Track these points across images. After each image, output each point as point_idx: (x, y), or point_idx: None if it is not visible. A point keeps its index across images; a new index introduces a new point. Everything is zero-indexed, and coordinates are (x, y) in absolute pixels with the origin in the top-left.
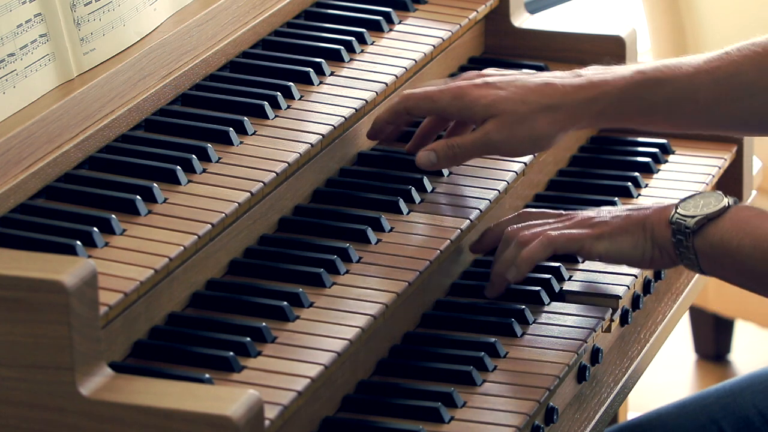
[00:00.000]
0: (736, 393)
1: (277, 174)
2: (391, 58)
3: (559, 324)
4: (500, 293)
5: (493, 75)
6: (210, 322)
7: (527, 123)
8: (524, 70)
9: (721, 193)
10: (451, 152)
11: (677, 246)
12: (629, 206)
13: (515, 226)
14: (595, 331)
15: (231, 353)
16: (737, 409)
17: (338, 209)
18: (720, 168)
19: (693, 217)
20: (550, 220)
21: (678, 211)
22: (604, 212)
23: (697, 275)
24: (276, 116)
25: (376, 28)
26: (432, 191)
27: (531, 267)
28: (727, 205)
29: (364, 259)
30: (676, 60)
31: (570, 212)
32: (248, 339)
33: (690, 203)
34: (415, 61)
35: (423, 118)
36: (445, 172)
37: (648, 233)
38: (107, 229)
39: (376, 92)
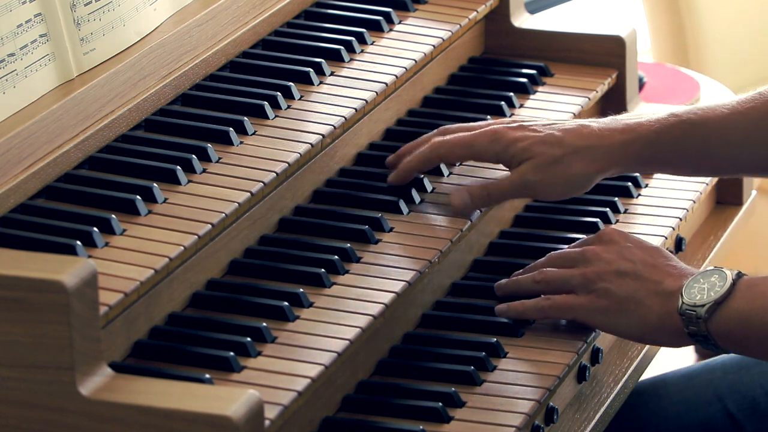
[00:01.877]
0: (743, 369)
1: (277, 174)
2: (391, 58)
3: (560, 324)
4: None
5: (526, 119)
6: (210, 322)
7: (563, 165)
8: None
9: (720, 268)
10: (486, 193)
11: (693, 336)
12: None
13: (546, 269)
14: (595, 331)
15: (231, 353)
16: (743, 387)
17: (338, 209)
18: None
19: (702, 306)
20: (574, 266)
21: (684, 301)
22: (627, 263)
23: None
24: (276, 116)
25: (376, 28)
26: (432, 191)
27: (519, 318)
28: (732, 282)
29: (364, 259)
30: (711, 103)
31: (597, 251)
32: (248, 339)
33: (694, 289)
34: (415, 61)
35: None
36: (445, 171)
37: (651, 322)
38: (107, 229)
39: (376, 92)
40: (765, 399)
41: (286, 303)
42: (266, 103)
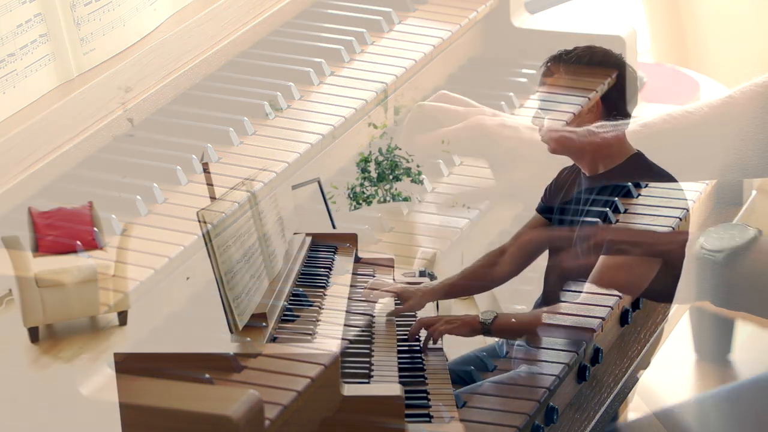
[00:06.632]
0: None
1: (277, 174)
2: (391, 58)
3: (560, 323)
4: None
5: (509, 117)
6: (210, 322)
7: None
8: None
9: (743, 224)
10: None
11: (709, 280)
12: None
13: None
14: (595, 332)
15: (231, 352)
16: None
17: (337, 208)
18: None
19: (720, 251)
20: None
21: (702, 245)
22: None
23: None
24: (276, 116)
25: (376, 28)
26: (432, 191)
27: None
28: (754, 236)
29: (363, 259)
30: (681, 110)
31: None
32: (248, 339)
33: (713, 235)
34: (415, 61)
35: None
36: (445, 171)
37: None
38: (107, 229)
39: (375, 92)
40: None
41: (287, 303)
42: (266, 103)
